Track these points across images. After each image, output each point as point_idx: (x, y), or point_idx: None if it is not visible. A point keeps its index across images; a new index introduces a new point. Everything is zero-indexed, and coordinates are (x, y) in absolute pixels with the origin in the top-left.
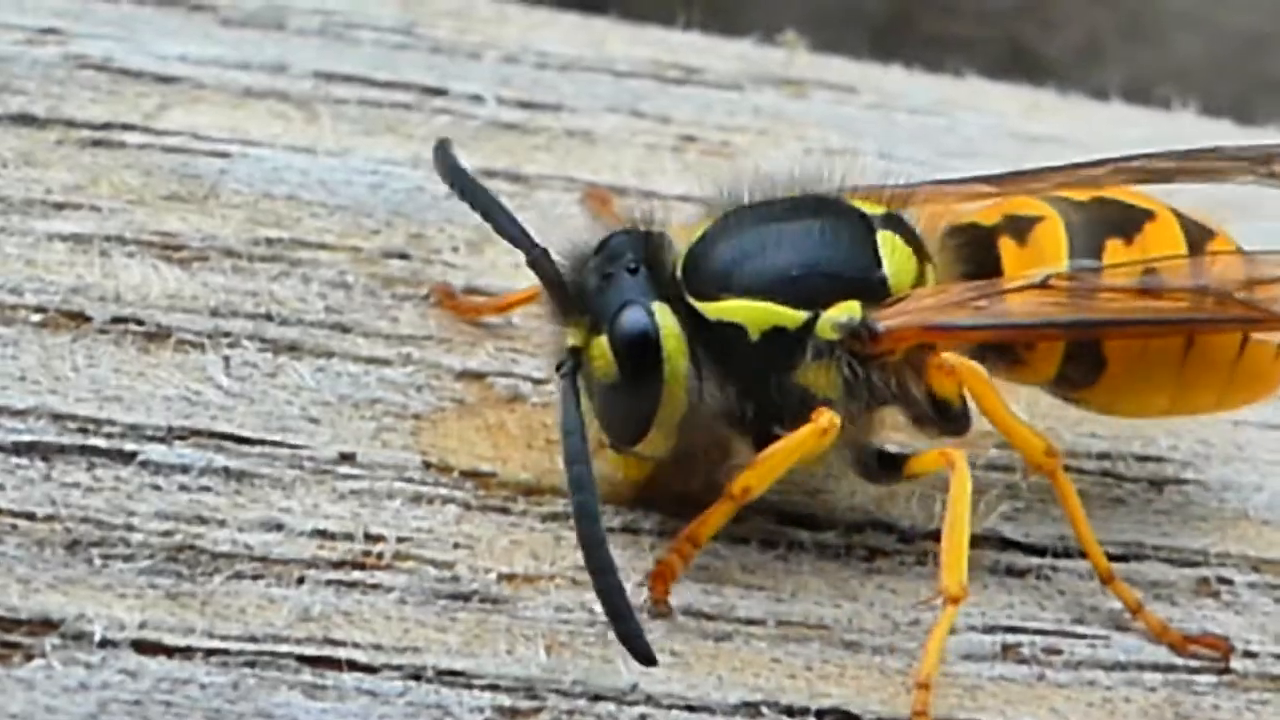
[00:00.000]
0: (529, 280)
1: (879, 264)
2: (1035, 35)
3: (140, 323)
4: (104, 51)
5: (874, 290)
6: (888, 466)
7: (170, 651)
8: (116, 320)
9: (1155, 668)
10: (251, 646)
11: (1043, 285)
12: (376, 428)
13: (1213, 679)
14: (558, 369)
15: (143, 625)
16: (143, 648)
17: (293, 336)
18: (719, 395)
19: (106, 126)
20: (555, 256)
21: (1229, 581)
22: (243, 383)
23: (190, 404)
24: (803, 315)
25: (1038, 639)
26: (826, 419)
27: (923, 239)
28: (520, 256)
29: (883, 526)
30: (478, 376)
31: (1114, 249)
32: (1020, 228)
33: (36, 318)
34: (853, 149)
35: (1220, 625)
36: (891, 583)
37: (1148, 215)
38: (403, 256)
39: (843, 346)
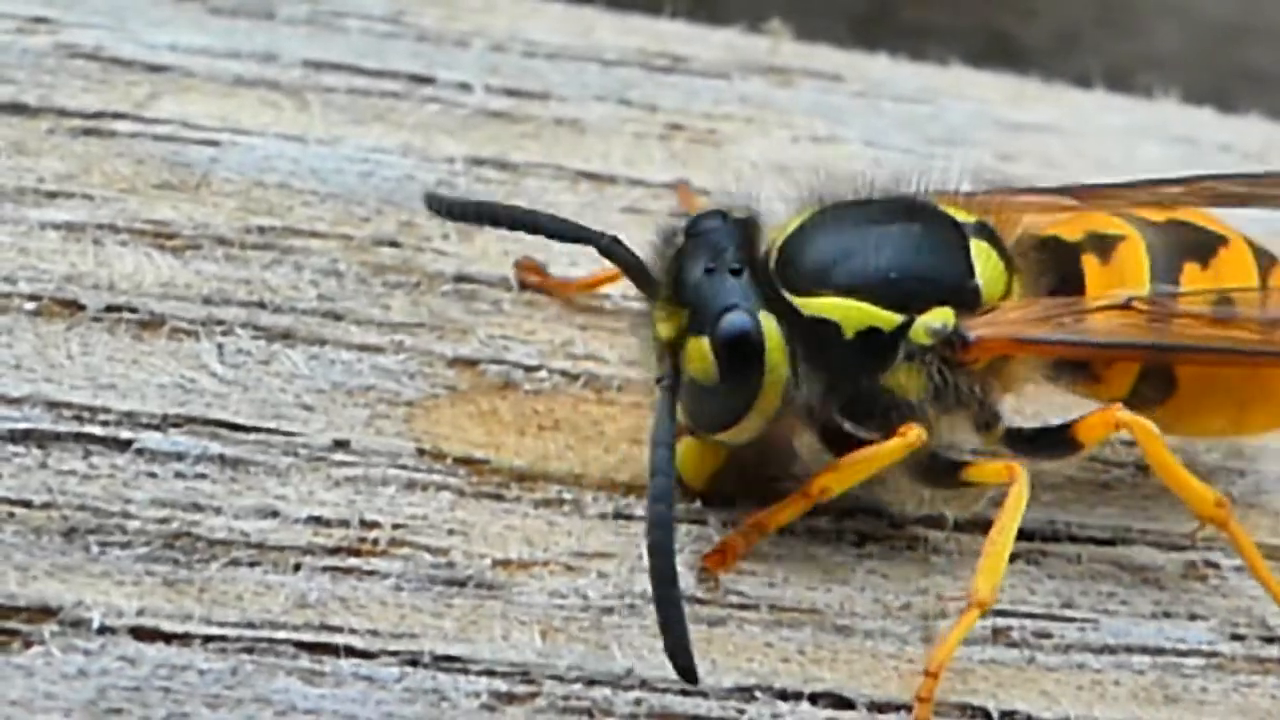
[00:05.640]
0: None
1: (972, 273)
2: (1013, 24)
3: (134, 311)
4: (95, 40)
5: (966, 299)
6: (945, 470)
7: (168, 638)
8: (110, 308)
9: (1144, 650)
10: (249, 633)
11: (1125, 307)
12: (370, 415)
13: (1201, 662)
14: (658, 380)
15: (140, 612)
16: (141, 634)
17: (286, 324)
18: (805, 390)
19: (98, 115)
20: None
21: (1215, 565)
22: (237, 370)
23: (185, 391)
24: (898, 318)
25: (1028, 622)
26: (915, 434)
27: (1010, 251)
28: (511, 244)
29: (873, 511)
30: (470, 363)
31: (1191, 272)
32: (1103, 246)
33: (31, 306)
34: (839, 137)
35: (1208, 609)
36: (883, 567)
37: (1221, 241)
38: (393, 244)
39: (934, 352)
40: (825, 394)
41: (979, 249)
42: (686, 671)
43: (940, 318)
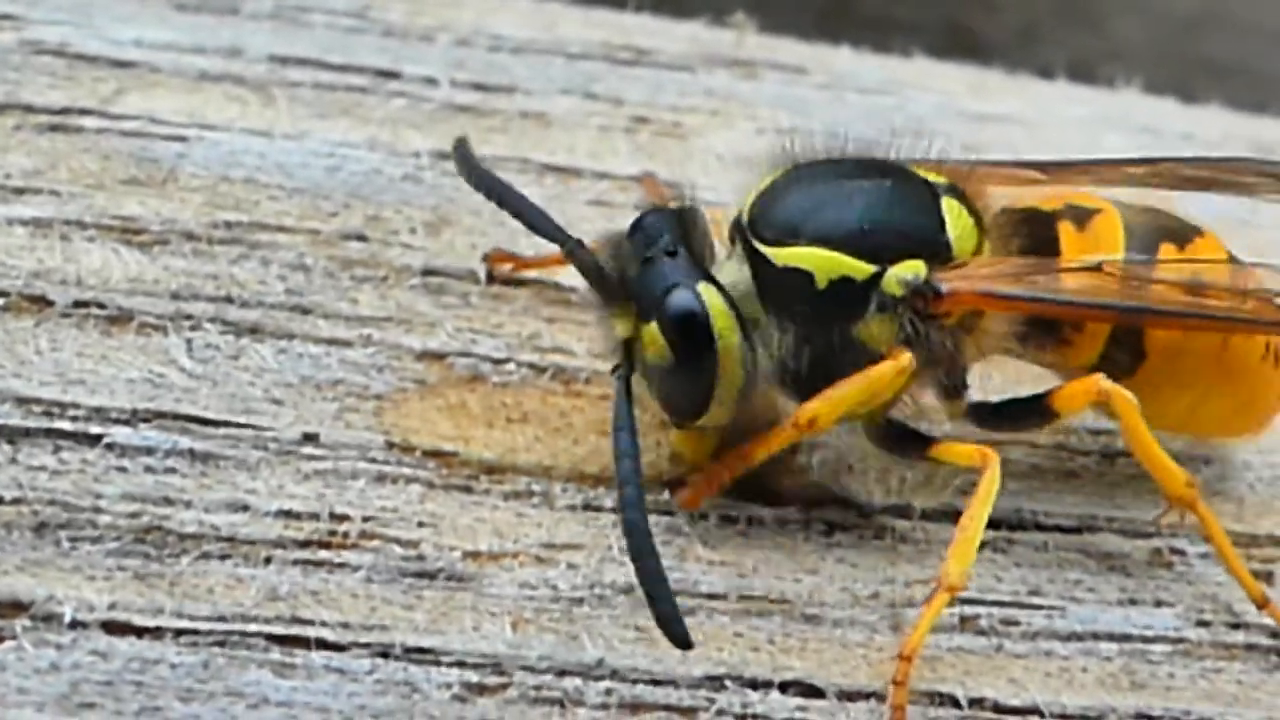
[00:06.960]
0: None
1: (944, 228)
2: (975, 17)
3: (102, 306)
4: (60, 37)
5: (938, 252)
6: (912, 442)
7: (140, 632)
8: (79, 304)
9: (1110, 637)
10: (220, 626)
11: (1096, 269)
12: (339, 408)
13: (1167, 648)
14: (612, 370)
15: (112, 606)
16: (112, 628)
17: (254, 319)
18: (774, 348)
19: (64, 111)
20: (591, 243)
21: (1181, 552)
22: (205, 365)
23: (154, 386)
24: (870, 268)
25: (995, 610)
26: (906, 358)
27: (981, 212)
28: (478, 238)
29: (841, 501)
30: (438, 357)
31: (1168, 251)
32: (1080, 215)
33: None
34: (803, 128)
35: (1174, 595)
36: (851, 557)
37: (1196, 230)
38: (361, 238)
39: (906, 304)
40: (798, 348)
41: (950, 206)
42: (679, 638)
43: (912, 269)
